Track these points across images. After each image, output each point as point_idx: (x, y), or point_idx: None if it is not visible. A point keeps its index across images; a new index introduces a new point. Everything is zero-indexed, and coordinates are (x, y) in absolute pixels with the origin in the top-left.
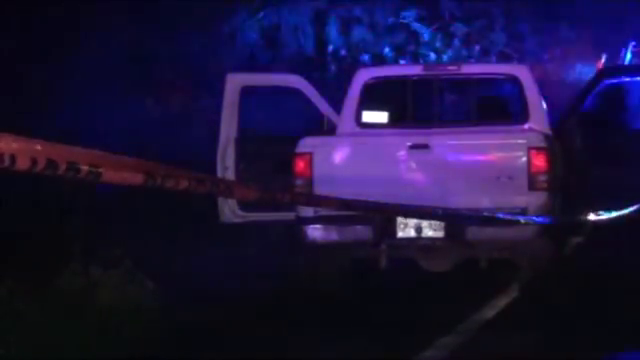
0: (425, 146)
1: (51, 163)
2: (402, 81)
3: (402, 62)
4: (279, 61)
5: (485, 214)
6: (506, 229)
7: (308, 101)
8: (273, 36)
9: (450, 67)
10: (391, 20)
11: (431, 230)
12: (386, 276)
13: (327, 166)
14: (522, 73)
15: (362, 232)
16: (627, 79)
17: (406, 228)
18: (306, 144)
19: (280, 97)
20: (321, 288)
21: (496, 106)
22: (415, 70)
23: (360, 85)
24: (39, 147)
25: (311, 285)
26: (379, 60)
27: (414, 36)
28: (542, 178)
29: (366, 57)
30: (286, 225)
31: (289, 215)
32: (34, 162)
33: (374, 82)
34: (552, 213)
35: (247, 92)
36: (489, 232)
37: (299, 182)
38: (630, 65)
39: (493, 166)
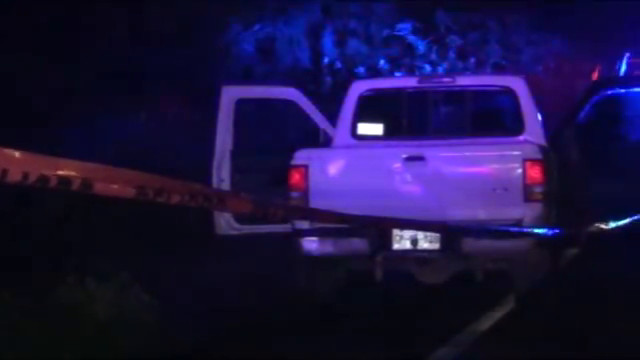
0: (420, 158)
1: (42, 176)
2: (397, 93)
3: (397, 74)
4: (274, 73)
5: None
6: (502, 241)
7: (304, 113)
8: (268, 48)
9: (445, 79)
10: (386, 32)
11: (427, 242)
12: (382, 288)
13: (323, 178)
14: (518, 85)
15: (358, 244)
16: (622, 90)
17: (402, 240)
18: (301, 156)
19: (276, 109)
20: (317, 300)
21: (492, 118)
22: (410, 82)
23: (355, 97)
24: (29, 159)
25: (307, 297)
26: (374, 72)
27: (409, 48)
28: (538, 189)
29: (361, 69)
30: (282, 237)
31: (285, 227)
32: (25, 175)
33: (369, 94)
34: (548, 225)
35: (242, 104)
36: (485, 244)
37: (295, 194)
38: (626, 76)
39: (489, 178)
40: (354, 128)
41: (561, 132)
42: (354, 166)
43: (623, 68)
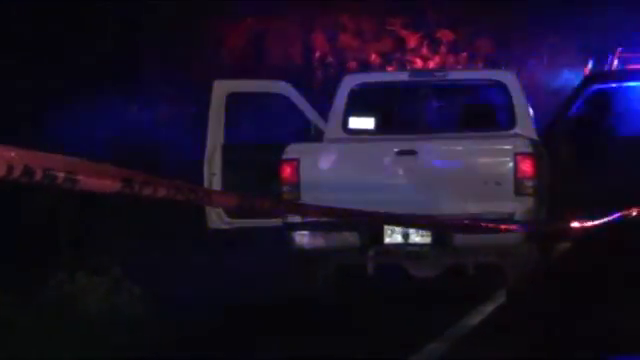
0: (412, 152)
1: (27, 170)
2: (388, 87)
3: (389, 69)
4: (266, 67)
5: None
6: (492, 235)
7: (294, 107)
8: (260, 42)
9: (437, 73)
10: (377, 27)
11: (418, 236)
12: (374, 282)
13: (314, 172)
14: (509, 79)
15: (349, 238)
16: (614, 85)
17: (393, 234)
18: (293, 150)
19: (268, 103)
20: (309, 294)
21: (483, 112)
22: (401, 76)
23: (346, 91)
24: (14, 154)
25: (299, 291)
26: (366, 67)
27: (401, 43)
28: (528, 183)
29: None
30: (274, 231)
31: (276, 221)
32: (10, 169)
33: (360, 88)
34: (539, 218)
35: (234, 98)
36: (475, 238)
37: (286, 188)
38: (617, 70)
39: (480, 172)
40: (345, 122)
41: (553, 126)
42: (345, 160)
43: (615, 62)
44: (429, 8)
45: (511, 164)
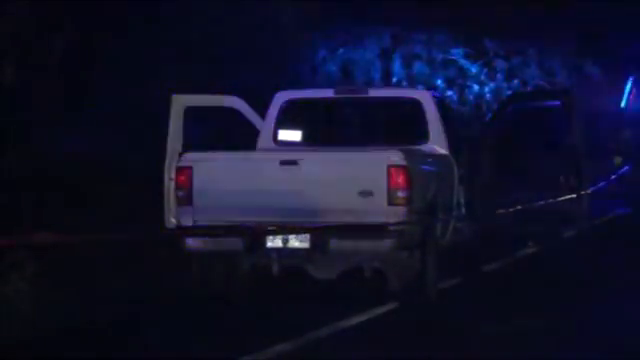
0: (294, 162)
1: None
2: (314, 103)
3: (450, 92)
4: None
5: None
6: (364, 242)
7: (246, 119)
8: (349, 69)
9: (359, 91)
10: (441, 56)
11: (297, 241)
12: (279, 282)
13: (205, 179)
14: (424, 98)
15: (234, 242)
16: (528, 104)
17: (275, 239)
18: (187, 159)
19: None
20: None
21: (399, 127)
22: (327, 93)
23: (277, 107)
24: None
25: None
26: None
27: (464, 70)
28: (401, 194)
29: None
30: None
31: None
32: None
33: (290, 104)
34: (416, 227)
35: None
36: (348, 244)
37: (180, 193)
38: (532, 92)
39: (355, 182)
40: (275, 134)
41: (477, 139)
42: (234, 168)
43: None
44: (486, 40)
45: (384, 176)
